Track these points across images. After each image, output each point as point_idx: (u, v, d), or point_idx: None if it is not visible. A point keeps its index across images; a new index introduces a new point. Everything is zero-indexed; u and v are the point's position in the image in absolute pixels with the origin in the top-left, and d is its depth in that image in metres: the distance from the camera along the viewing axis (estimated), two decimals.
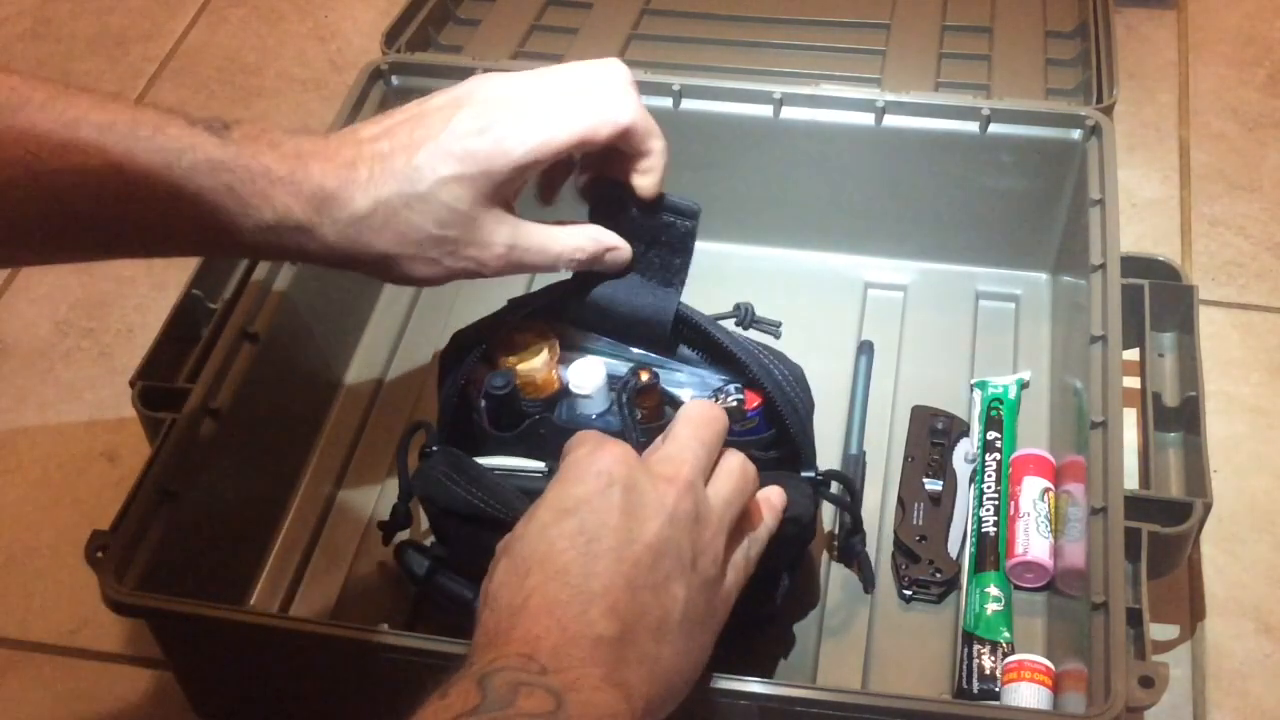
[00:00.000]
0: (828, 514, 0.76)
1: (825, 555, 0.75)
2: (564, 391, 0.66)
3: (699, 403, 0.60)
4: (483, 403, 0.66)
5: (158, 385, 0.74)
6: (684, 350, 0.67)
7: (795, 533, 0.64)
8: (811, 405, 0.67)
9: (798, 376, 0.66)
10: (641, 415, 0.63)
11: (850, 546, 0.73)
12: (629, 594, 0.50)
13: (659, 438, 0.58)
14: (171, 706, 0.74)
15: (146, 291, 0.99)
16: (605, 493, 0.52)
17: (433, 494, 0.65)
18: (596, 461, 0.53)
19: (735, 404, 0.63)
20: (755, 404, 0.65)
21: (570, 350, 0.67)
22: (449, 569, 0.68)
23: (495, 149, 0.56)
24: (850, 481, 0.71)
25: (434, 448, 0.67)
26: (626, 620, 0.49)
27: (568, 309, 0.65)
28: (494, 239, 0.58)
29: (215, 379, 0.72)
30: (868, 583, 0.73)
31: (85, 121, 0.52)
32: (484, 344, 0.66)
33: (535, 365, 0.65)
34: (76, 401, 0.91)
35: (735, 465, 0.58)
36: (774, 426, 0.66)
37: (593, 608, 0.49)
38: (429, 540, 0.71)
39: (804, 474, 0.67)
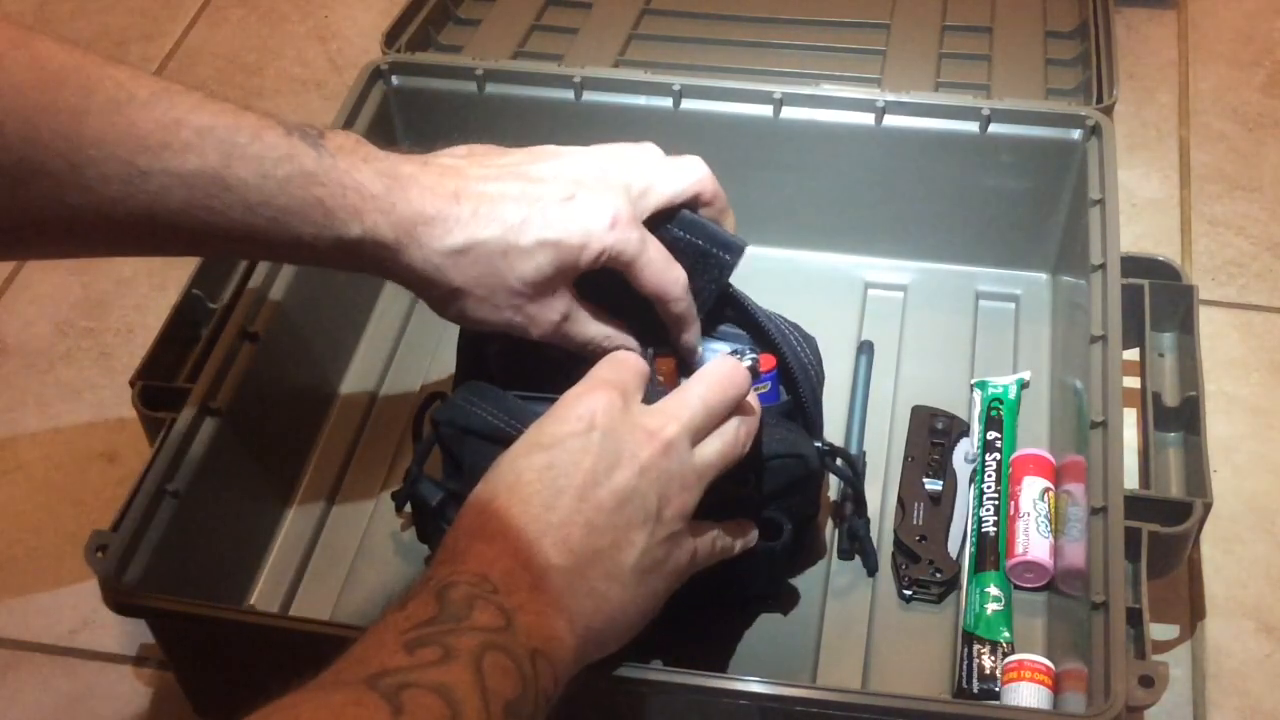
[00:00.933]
0: (827, 513, 0.76)
1: (826, 555, 0.75)
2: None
3: (721, 361, 0.61)
4: (495, 348, 0.67)
5: (158, 385, 0.74)
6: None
7: (799, 473, 0.65)
8: (823, 376, 0.69)
9: (812, 345, 0.68)
10: (660, 381, 0.64)
11: (854, 529, 0.73)
12: (585, 532, 0.53)
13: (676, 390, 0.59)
14: (171, 706, 0.74)
15: (146, 291, 0.99)
16: (584, 435, 0.54)
17: (453, 416, 0.65)
18: (582, 404, 0.55)
19: (750, 365, 0.63)
20: (769, 368, 0.66)
21: None
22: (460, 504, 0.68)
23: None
24: (854, 459, 0.72)
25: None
26: (579, 555, 0.52)
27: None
28: (555, 308, 0.60)
29: (215, 379, 0.72)
30: (870, 567, 0.73)
31: (186, 124, 0.53)
32: None
33: None
34: (76, 401, 0.91)
35: (731, 431, 0.59)
36: (787, 395, 0.67)
37: (546, 538, 0.52)
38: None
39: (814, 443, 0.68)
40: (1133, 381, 0.76)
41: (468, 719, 0.44)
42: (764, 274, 0.91)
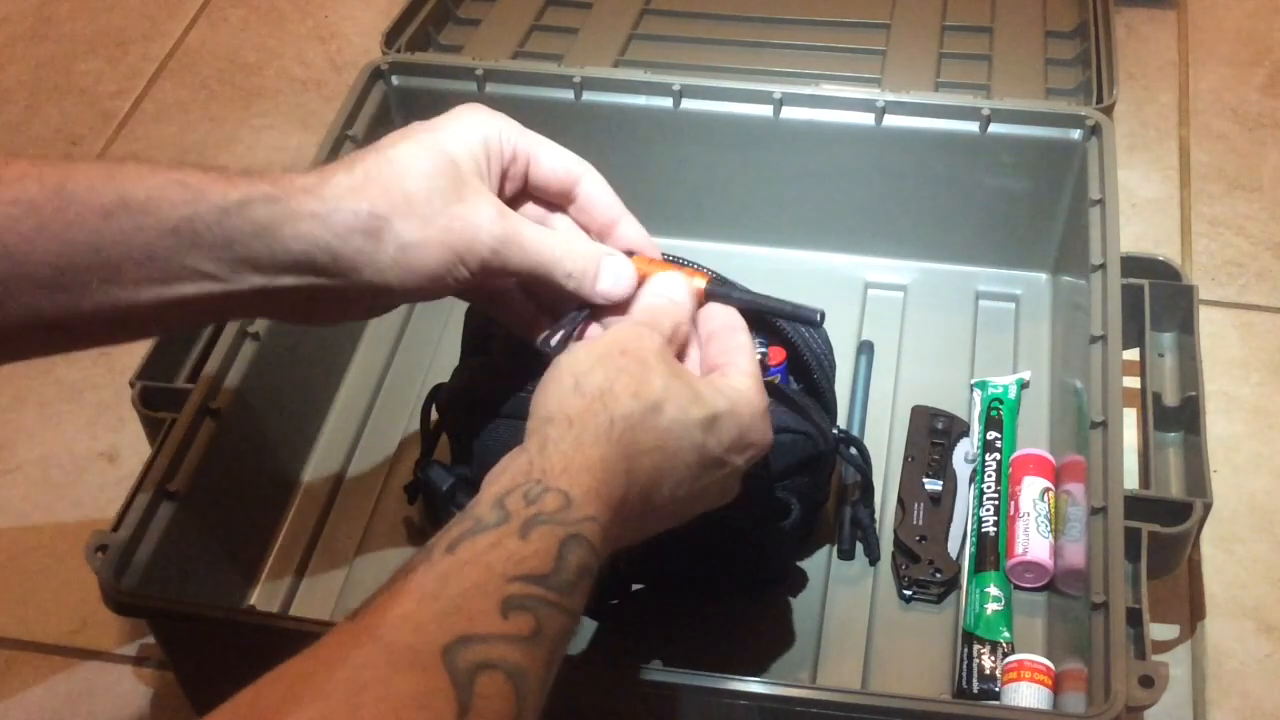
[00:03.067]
0: (828, 512, 0.76)
1: (827, 554, 0.75)
2: None
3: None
4: (500, 341, 0.67)
5: (158, 385, 0.74)
6: None
7: (809, 451, 0.65)
8: (834, 365, 0.69)
9: (823, 334, 0.68)
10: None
11: (858, 517, 0.73)
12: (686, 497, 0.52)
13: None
14: (171, 706, 0.74)
15: None
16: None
17: (464, 386, 0.66)
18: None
19: (759, 357, 0.64)
20: (779, 360, 0.66)
21: None
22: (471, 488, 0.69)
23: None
24: (863, 446, 0.72)
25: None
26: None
27: None
28: (482, 219, 0.55)
29: (215, 379, 0.72)
30: (872, 556, 0.74)
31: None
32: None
33: None
34: (76, 401, 0.91)
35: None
36: (798, 386, 0.68)
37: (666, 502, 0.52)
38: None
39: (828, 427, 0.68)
40: (1133, 381, 0.76)
41: (527, 715, 0.42)
42: (764, 274, 0.91)
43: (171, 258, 0.50)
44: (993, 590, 0.71)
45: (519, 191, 0.60)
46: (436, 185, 0.55)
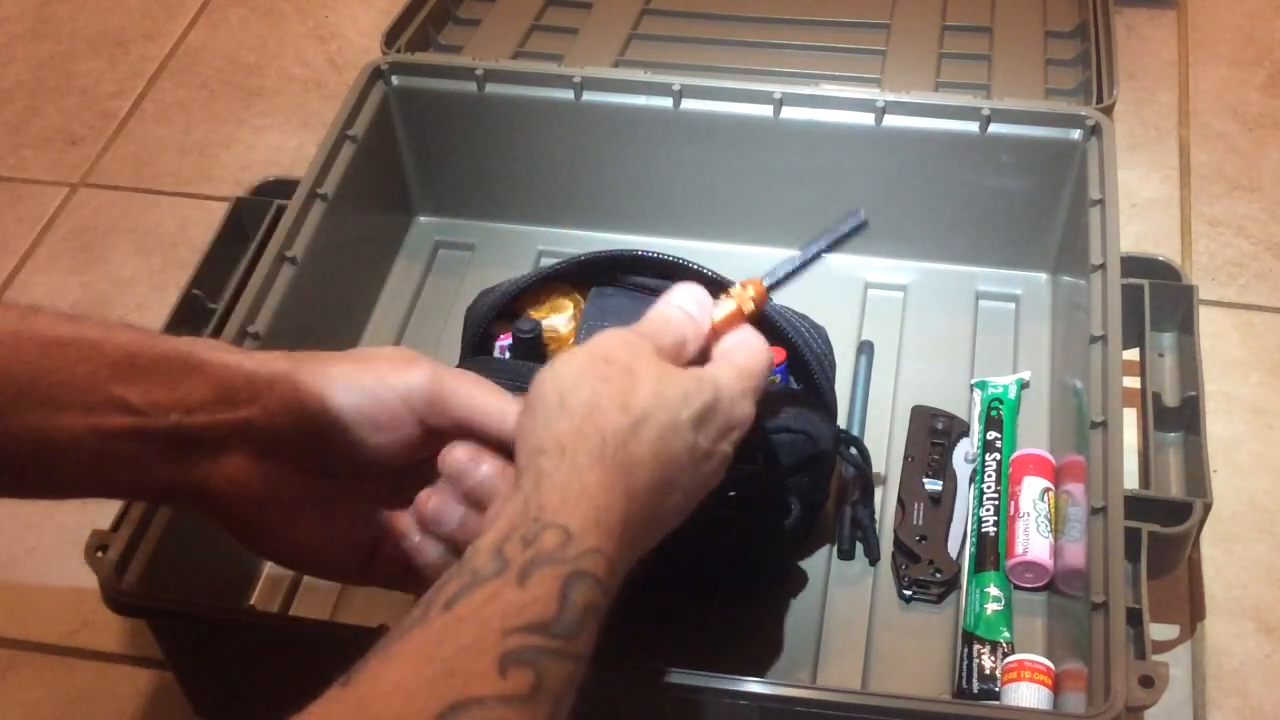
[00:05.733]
0: (828, 512, 0.76)
1: (827, 554, 0.75)
2: None
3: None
4: (506, 341, 0.68)
5: None
6: None
7: (809, 451, 0.65)
8: (834, 365, 0.70)
9: (823, 335, 0.69)
10: None
11: (858, 517, 0.73)
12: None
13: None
14: (171, 706, 0.74)
15: (146, 291, 0.99)
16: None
17: None
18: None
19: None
20: (779, 360, 0.67)
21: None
22: None
23: None
24: (863, 446, 0.72)
25: None
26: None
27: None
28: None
29: None
30: (872, 556, 0.74)
31: None
32: (512, 295, 0.69)
33: (559, 321, 0.68)
34: None
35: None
36: (798, 386, 0.68)
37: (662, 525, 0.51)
38: None
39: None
40: (1133, 381, 0.76)
41: None
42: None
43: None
44: (993, 590, 0.71)
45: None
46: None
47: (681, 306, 0.55)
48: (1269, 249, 0.98)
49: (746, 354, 0.55)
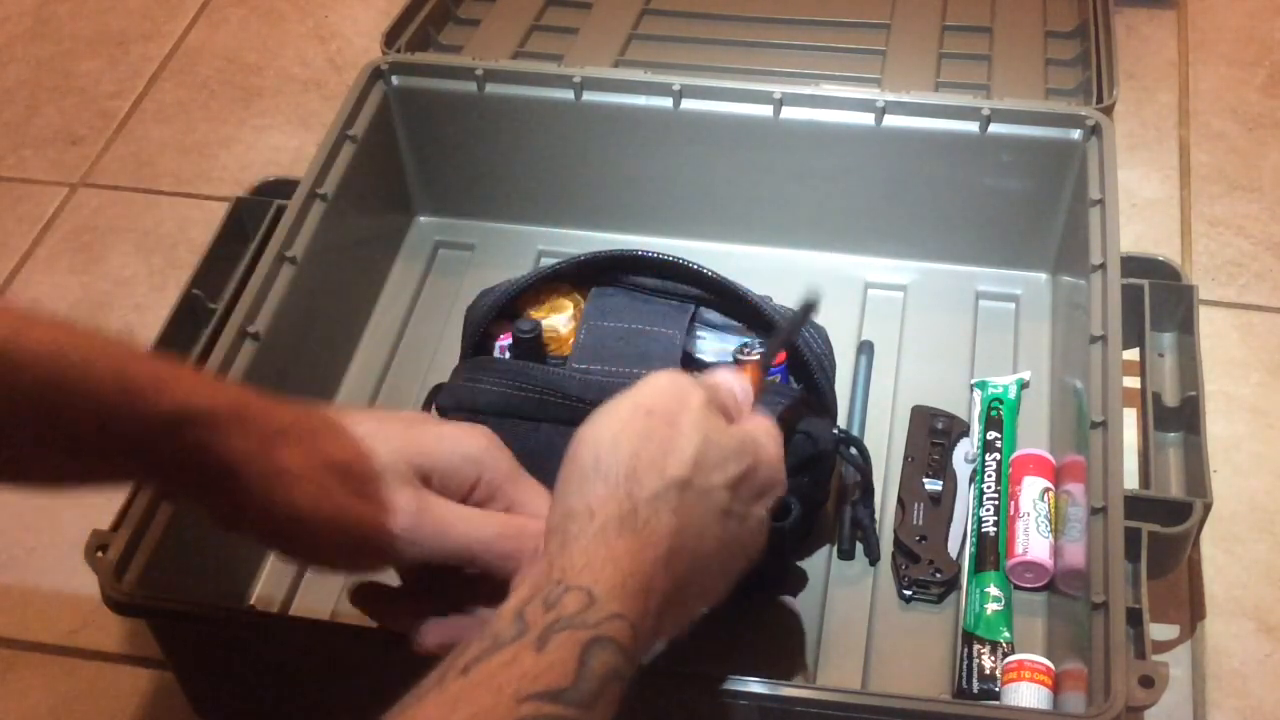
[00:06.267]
0: (828, 512, 0.76)
1: (827, 554, 0.75)
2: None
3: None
4: (506, 341, 0.68)
5: None
6: (706, 313, 0.71)
7: (809, 451, 0.65)
8: (834, 365, 0.70)
9: (823, 335, 0.69)
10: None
11: (858, 517, 0.73)
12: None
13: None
14: (171, 706, 0.74)
15: (146, 291, 0.99)
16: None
17: (459, 398, 0.66)
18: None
19: (758, 359, 0.64)
20: (779, 361, 0.67)
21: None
22: None
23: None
24: (863, 446, 0.72)
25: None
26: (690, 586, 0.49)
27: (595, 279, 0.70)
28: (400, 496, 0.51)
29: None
30: (873, 556, 0.74)
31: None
32: (512, 295, 0.70)
33: (559, 321, 0.68)
34: None
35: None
36: (798, 386, 0.69)
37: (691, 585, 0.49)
38: None
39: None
40: (1133, 381, 0.76)
41: None
42: (764, 274, 0.91)
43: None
44: (993, 590, 0.71)
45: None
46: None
47: (729, 372, 0.55)
48: (1269, 249, 0.98)
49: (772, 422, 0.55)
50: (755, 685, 0.59)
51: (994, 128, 0.85)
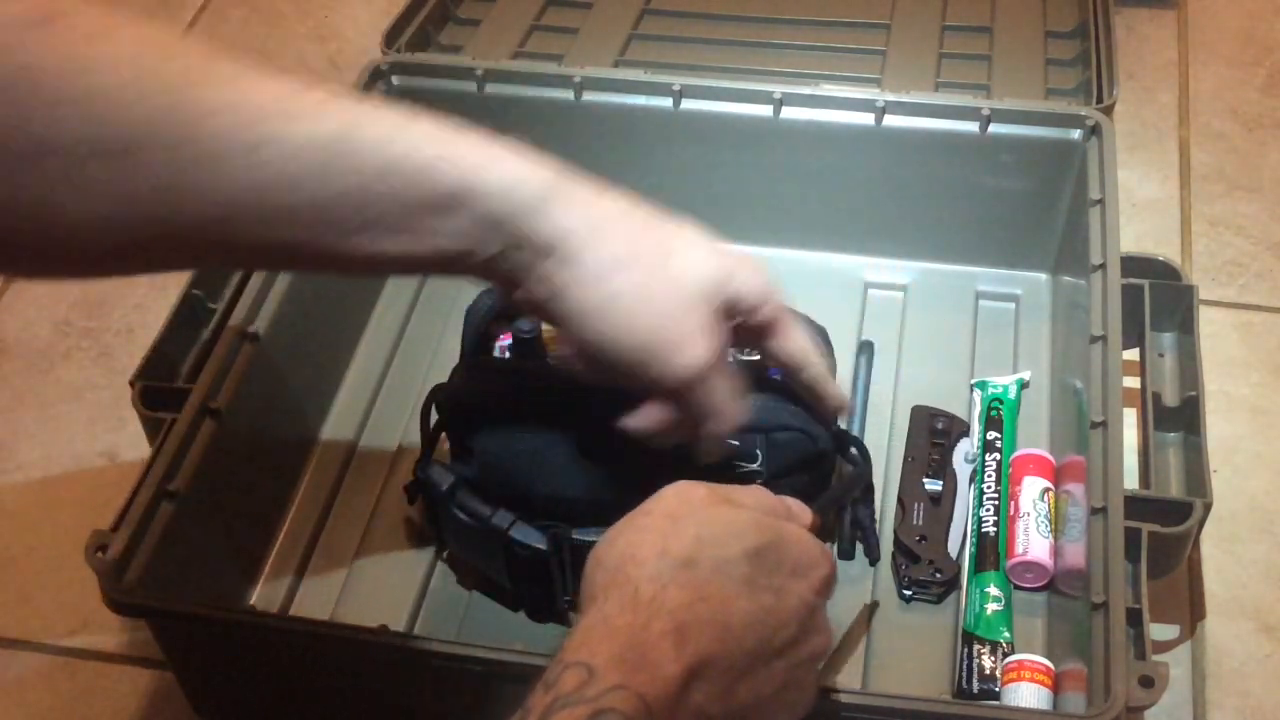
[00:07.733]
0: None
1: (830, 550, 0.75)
2: None
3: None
4: (506, 341, 0.66)
5: (158, 385, 0.74)
6: None
7: (808, 450, 0.65)
8: (835, 365, 0.70)
9: (824, 335, 0.69)
10: None
11: (858, 517, 0.73)
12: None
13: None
14: (171, 706, 0.74)
15: (146, 291, 0.99)
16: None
17: (460, 399, 0.66)
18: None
19: (756, 358, 0.64)
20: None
21: None
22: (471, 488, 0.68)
23: None
24: (863, 446, 0.72)
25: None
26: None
27: None
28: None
29: (215, 379, 0.72)
30: (873, 557, 0.74)
31: (305, 95, 0.48)
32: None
33: None
34: (76, 401, 0.91)
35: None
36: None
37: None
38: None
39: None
40: (1133, 381, 0.76)
41: None
42: None
43: (424, 225, 0.50)
44: (993, 590, 0.71)
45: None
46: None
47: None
48: (1269, 249, 0.98)
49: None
50: None
51: (994, 128, 0.85)
